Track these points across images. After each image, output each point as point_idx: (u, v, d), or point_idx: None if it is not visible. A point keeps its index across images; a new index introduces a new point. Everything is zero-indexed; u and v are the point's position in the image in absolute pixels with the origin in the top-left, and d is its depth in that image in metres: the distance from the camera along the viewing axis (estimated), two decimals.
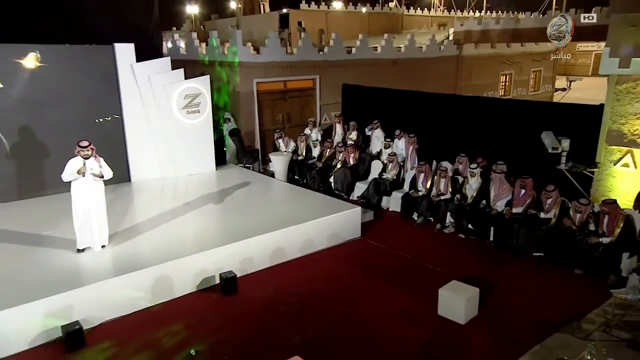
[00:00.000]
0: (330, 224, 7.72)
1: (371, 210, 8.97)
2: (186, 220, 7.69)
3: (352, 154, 10.29)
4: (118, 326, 5.57)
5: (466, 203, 8.08)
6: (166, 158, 10.02)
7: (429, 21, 28.02)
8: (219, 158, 11.12)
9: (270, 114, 13.64)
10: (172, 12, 32.76)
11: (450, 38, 18.81)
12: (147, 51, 9.66)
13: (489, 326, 5.45)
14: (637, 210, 6.80)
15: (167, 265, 6.09)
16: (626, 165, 7.76)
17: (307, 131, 11.82)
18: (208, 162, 10.54)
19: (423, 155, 9.57)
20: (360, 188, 9.92)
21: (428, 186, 8.71)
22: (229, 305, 6.04)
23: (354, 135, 11.32)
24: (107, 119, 9.32)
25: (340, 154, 10.40)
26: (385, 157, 9.95)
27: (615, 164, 7.90)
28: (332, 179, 10.21)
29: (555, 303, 5.90)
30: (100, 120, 9.25)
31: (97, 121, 9.19)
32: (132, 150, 9.70)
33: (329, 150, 10.77)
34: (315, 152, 11.15)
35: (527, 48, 21.10)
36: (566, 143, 7.87)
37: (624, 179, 7.80)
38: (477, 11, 31.45)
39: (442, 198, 8.38)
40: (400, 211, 9.06)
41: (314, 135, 11.58)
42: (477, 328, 5.43)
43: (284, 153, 11.19)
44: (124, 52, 9.21)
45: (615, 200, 6.67)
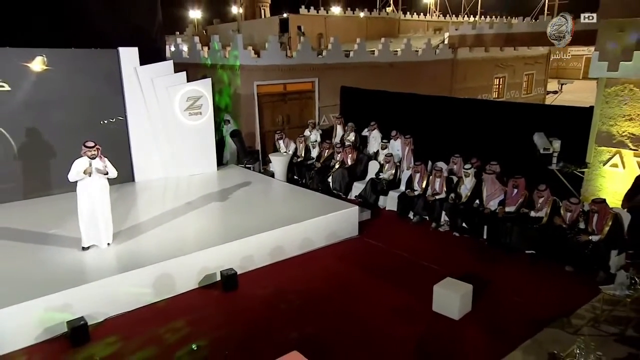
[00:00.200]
0: (329, 222, 7.80)
1: (368, 210, 9.05)
2: (188, 219, 7.76)
3: (350, 155, 10.37)
4: (122, 322, 5.65)
5: (460, 202, 8.17)
6: (169, 159, 10.11)
7: (425, 26, 28.06)
8: (219, 159, 11.20)
9: (270, 115, 13.76)
10: (175, 17, 32.81)
11: (446, 42, 18.89)
12: (151, 55, 9.75)
13: (482, 321, 5.53)
14: (626, 209, 6.86)
15: (170, 263, 6.17)
16: (615, 166, 7.88)
17: (307, 133, 11.90)
18: (210, 163, 10.61)
19: (419, 155, 9.66)
20: (357, 188, 10.00)
21: (424, 186, 8.80)
22: (230, 301, 6.11)
23: (352, 136, 11.39)
24: (111, 120, 9.41)
25: (339, 154, 10.47)
26: (382, 158, 10.04)
27: (604, 165, 8.02)
28: (330, 179, 10.29)
29: (546, 299, 5.98)
30: (105, 121, 9.34)
31: (101, 123, 9.28)
32: (135, 151, 9.79)
33: (327, 151, 10.84)
34: (314, 152, 11.24)
35: (520, 52, 21.13)
36: (557, 144, 7.99)
37: (613, 179, 7.91)
38: (471, 16, 31.53)
39: (437, 197, 8.47)
40: (396, 210, 9.14)
41: (313, 136, 11.66)
42: (470, 323, 5.50)
43: (284, 154, 11.27)
44: (128, 56, 9.31)
45: (604, 200, 6.75)
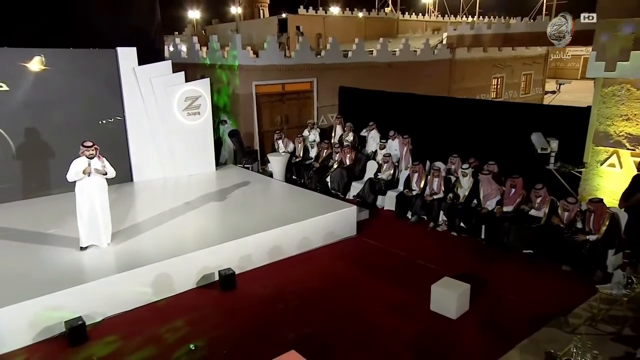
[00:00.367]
0: (327, 222, 7.82)
1: (366, 209, 9.07)
2: (187, 219, 7.78)
3: (348, 155, 10.40)
4: (120, 321, 5.65)
5: (458, 202, 8.19)
6: (167, 158, 10.11)
7: (424, 26, 28.08)
8: (217, 159, 11.21)
9: (268, 115, 13.76)
10: (174, 17, 32.88)
11: (444, 42, 18.91)
12: (149, 55, 9.77)
13: (479, 321, 5.53)
14: (623, 209, 6.87)
15: (168, 263, 6.18)
16: (612, 165, 7.90)
17: (306, 133, 11.92)
18: (208, 163, 10.63)
19: (417, 155, 9.68)
20: (356, 188, 10.03)
21: (422, 186, 8.82)
22: (228, 301, 6.13)
23: (350, 136, 11.41)
24: (109, 120, 9.43)
25: (337, 154, 10.50)
26: (380, 158, 10.06)
27: (601, 164, 8.04)
28: (328, 179, 10.30)
29: (544, 298, 5.98)
30: (103, 121, 9.36)
31: (100, 123, 9.29)
32: (134, 151, 9.80)
33: (325, 150, 10.86)
34: (313, 152, 11.26)
35: (518, 52, 21.11)
36: (555, 144, 8.01)
37: (610, 179, 7.93)
38: (469, 16, 31.59)
39: (435, 197, 8.50)
40: (394, 210, 9.15)
41: (311, 136, 11.69)
42: (468, 323, 5.51)
43: (282, 154, 11.29)
44: (127, 56, 9.32)
45: (602, 199, 6.76)
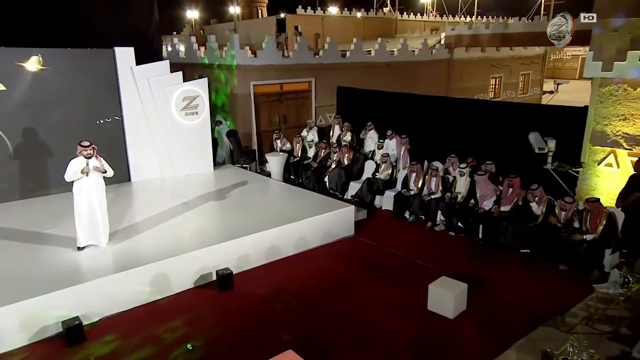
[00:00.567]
0: (325, 222, 7.83)
1: (364, 209, 9.08)
2: (184, 218, 7.77)
3: (346, 155, 10.40)
4: (117, 321, 5.65)
5: (456, 202, 8.21)
6: (165, 158, 10.11)
7: (422, 26, 28.11)
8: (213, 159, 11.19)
9: (267, 115, 13.79)
10: (172, 17, 32.94)
11: (442, 42, 18.94)
12: (147, 55, 9.75)
13: (476, 320, 5.55)
14: (620, 208, 6.88)
15: (166, 262, 6.18)
16: (609, 165, 7.93)
17: (304, 133, 11.93)
18: (206, 163, 10.62)
19: (415, 155, 9.69)
20: (354, 187, 10.04)
21: (419, 185, 8.84)
22: (225, 301, 6.13)
23: (348, 136, 11.43)
24: (107, 120, 9.41)
25: (335, 154, 10.51)
26: (378, 158, 10.08)
27: (599, 164, 8.07)
28: (326, 179, 10.31)
29: (541, 298, 6.01)
30: (101, 121, 9.34)
31: (97, 122, 9.28)
32: (132, 151, 9.78)
33: (324, 150, 10.88)
34: (311, 152, 11.27)
35: (516, 52, 21.17)
36: (552, 143, 8.02)
37: (607, 178, 7.96)
38: (468, 16, 31.64)
39: (433, 197, 8.51)
40: (392, 210, 9.17)
41: (310, 136, 11.70)
42: (465, 322, 5.53)
43: (280, 154, 11.29)
44: (124, 56, 9.30)
45: (598, 199, 6.78)
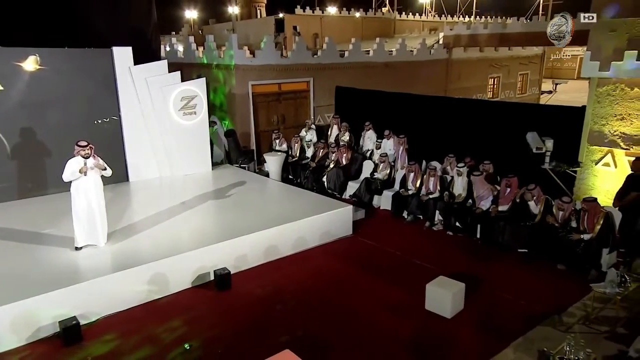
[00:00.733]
0: (323, 222, 7.83)
1: (363, 209, 9.08)
2: (182, 218, 7.77)
3: (344, 154, 10.40)
4: (115, 321, 5.65)
5: (454, 202, 8.21)
6: (163, 158, 10.10)
7: (421, 26, 28.11)
8: None
9: (265, 115, 13.80)
10: (171, 17, 32.96)
11: (440, 42, 18.96)
12: (146, 55, 9.77)
13: (474, 320, 5.56)
14: (617, 208, 6.90)
15: (164, 262, 6.18)
16: (607, 165, 7.94)
17: (303, 133, 11.93)
18: (204, 162, 10.61)
19: (413, 155, 9.69)
20: (352, 187, 10.04)
21: (417, 185, 8.84)
22: (223, 301, 6.13)
23: (347, 136, 11.43)
24: (105, 120, 9.41)
25: (333, 154, 10.51)
26: (376, 158, 10.07)
27: (596, 164, 8.08)
28: (325, 179, 10.30)
29: (539, 297, 6.01)
30: (99, 121, 9.34)
31: (95, 122, 9.28)
32: (130, 151, 9.78)
33: (322, 150, 10.87)
34: (309, 152, 11.27)
35: (514, 52, 21.21)
36: (550, 143, 8.03)
37: (605, 178, 7.97)
38: (466, 16, 31.69)
39: (431, 197, 8.52)
40: (390, 209, 9.18)
41: (308, 136, 11.70)
42: (462, 322, 5.53)
43: (279, 153, 11.30)
44: (122, 55, 9.30)
45: (596, 199, 6.79)
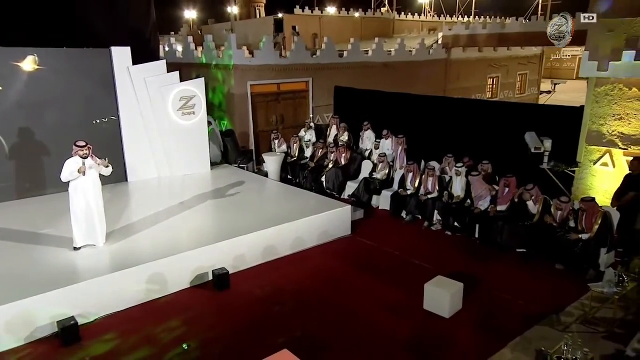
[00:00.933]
0: (321, 221, 7.83)
1: (361, 209, 9.09)
2: (181, 218, 7.77)
3: (343, 154, 10.40)
4: (113, 321, 5.66)
5: (452, 202, 8.22)
6: (162, 158, 10.11)
7: (420, 26, 28.13)
8: None
9: (264, 115, 13.80)
10: (170, 17, 33.00)
11: (439, 42, 18.98)
12: (144, 55, 9.77)
13: (472, 319, 5.57)
14: (615, 208, 6.92)
15: (162, 262, 6.19)
16: (605, 165, 7.94)
17: (302, 133, 11.94)
18: (203, 162, 10.61)
19: (412, 155, 9.71)
20: (351, 187, 10.03)
21: (416, 185, 8.85)
22: (221, 300, 6.14)
23: (345, 136, 11.44)
24: (104, 120, 9.41)
25: (332, 154, 10.52)
26: (375, 157, 10.08)
27: (594, 163, 8.08)
28: (323, 178, 10.30)
29: (537, 297, 6.03)
30: (97, 121, 9.34)
31: (94, 122, 9.28)
32: (128, 151, 9.79)
33: (320, 150, 10.87)
34: (308, 152, 11.27)
35: (513, 52, 21.22)
36: (548, 143, 8.05)
37: (603, 178, 7.98)
38: (465, 16, 31.73)
39: (429, 196, 8.53)
40: (389, 209, 9.18)
41: (307, 136, 11.70)
42: (460, 321, 5.54)
43: (277, 153, 11.30)
44: (121, 55, 9.31)
45: (593, 198, 6.80)
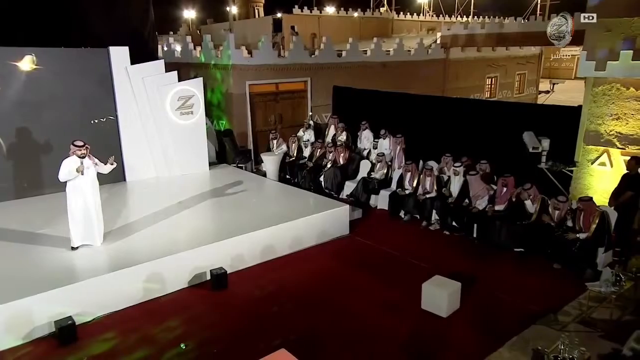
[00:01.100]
0: (320, 221, 7.83)
1: (360, 209, 9.09)
2: (179, 218, 7.77)
3: (342, 154, 10.40)
4: (110, 321, 5.65)
5: (451, 201, 8.23)
6: (160, 158, 10.10)
7: (419, 26, 28.12)
8: None
9: (262, 115, 13.79)
10: (169, 17, 33.01)
11: (438, 42, 18.98)
12: (143, 54, 9.76)
13: (469, 319, 5.57)
14: (612, 207, 6.95)
15: (160, 262, 6.18)
16: (603, 164, 7.96)
17: (300, 133, 11.94)
18: (201, 162, 10.60)
19: (410, 154, 9.71)
20: (349, 187, 10.04)
21: (414, 185, 8.85)
22: (219, 300, 6.13)
23: (344, 136, 11.44)
24: (102, 120, 9.40)
25: (331, 154, 10.52)
26: (374, 157, 10.09)
27: (592, 163, 8.10)
28: (322, 178, 10.32)
29: (534, 296, 6.04)
30: (96, 121, 9.33)
31: (92, 122, 9.27)
32: (126, 151, 9.77)
33: (319, 150, 10.88)
34: (307, 152, 11.27)
35: (512, 52, 21.23)
36: (546, 143, 8.07)
37: (601, 177, 7.99)
38: (464, 16, 31.74)
39: (427, 196, 8.54)
40: (387, 209, 9.17)
41: (305, 136, 11.71)
42: (458, 321, 5.55)
43: (276, 153, 11.30)
44: (119, 55, 9.30)
45: (591, 198, 6.81)
